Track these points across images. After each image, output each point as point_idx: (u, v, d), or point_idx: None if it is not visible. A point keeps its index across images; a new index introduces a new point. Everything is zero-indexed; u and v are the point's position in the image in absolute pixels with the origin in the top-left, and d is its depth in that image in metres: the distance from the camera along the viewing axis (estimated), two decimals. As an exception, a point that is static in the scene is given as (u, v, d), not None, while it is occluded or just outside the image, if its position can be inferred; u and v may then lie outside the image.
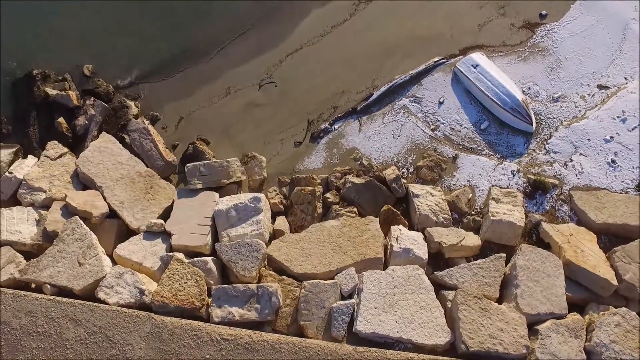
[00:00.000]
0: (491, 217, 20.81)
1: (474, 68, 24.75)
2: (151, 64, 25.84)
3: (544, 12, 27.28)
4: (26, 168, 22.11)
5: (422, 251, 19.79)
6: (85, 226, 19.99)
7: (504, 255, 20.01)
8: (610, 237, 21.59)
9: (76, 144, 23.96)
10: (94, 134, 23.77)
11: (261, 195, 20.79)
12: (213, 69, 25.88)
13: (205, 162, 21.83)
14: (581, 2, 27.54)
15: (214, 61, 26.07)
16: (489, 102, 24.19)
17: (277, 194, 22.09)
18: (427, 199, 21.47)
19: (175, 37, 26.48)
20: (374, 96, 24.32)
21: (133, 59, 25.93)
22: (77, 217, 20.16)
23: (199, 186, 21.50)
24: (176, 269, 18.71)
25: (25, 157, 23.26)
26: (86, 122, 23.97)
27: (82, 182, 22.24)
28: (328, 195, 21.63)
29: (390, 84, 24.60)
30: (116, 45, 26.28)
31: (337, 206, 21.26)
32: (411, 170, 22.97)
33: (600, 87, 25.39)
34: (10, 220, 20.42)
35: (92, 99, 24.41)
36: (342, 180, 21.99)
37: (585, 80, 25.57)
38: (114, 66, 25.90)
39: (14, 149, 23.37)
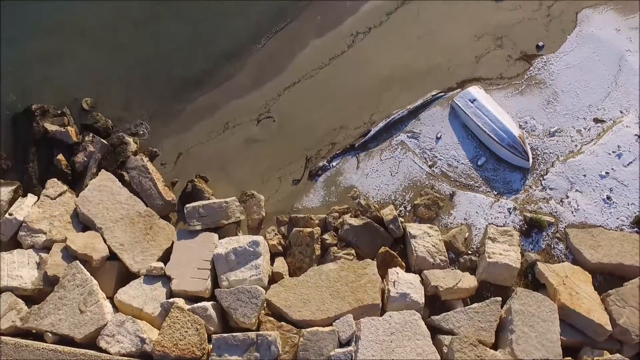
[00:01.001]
0: (487, 259, 20.99)
1: (472, 102, 24.82)
2: (150, 98, 25.83)
3: (540, 44, 27.31)
4: (26, 209, 22.18)
5: (418, 295, 19.99)
6: (85, 271, 20.13)
7: (500, 299, 20.22)
8: (605, 276, 21.87)
9: (76, 180, 24.04)
10: (93, 172, 23.82)
11: (260, 239, 20.93)
12: (211, 102, 25.91)
13: (204, 203, 21.91)
14: (577, 33, 27.58)
15: (212, 94, 26.06)
16: (486, 138, 24.30)
17: (276, 234, 22.23)
18: (424, 239, 21.63)
19: (174, 70, 26.49)
20: (372, 132, 24.41)
21: (132, 93, 25.93)
22: (77, 262, 20.29)
23: (198, 227, 21.62)
24: (176, 317, 18.86)
25: (24, 195, 23.32)
26: (85, 159, 24.01)
27: (82, 222, 22.33)
28: (326, 236, 21.79)
29: (388, 120, 24.68)
30: (115, 78, 26.27)
31: (335, 248, 21.43)
32: (408, 208, 23.11)
33: (596, 120, 25.51)
34: (10, 265, 20.53)
35: (91, 135, 24.44)
36: (340, 220, 22.13)
37: (582, 114, 25.69)
38: (113, 100, 25.89)
39: (14, 187, 23.43)
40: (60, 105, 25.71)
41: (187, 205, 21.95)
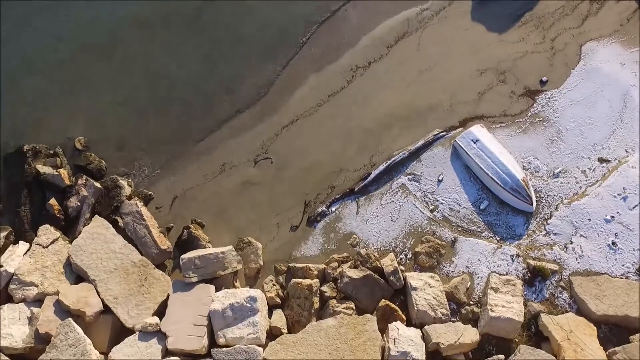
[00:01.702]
0: (490, 312, 20.51)
1: (474, 143, 24.23)
2: (145, 138, 25.22)
3: (544, 79, 26.66)
4: (17, 259, 21.63)
5: (419, 352, 19.55)
6: (78, 329, 19.62)
7: (502, 357, 19.76)
8: (611, 327, 21.39)
9: (69, 225, 23.48)
10: (86, 217, 23.25)
11: (257, 294, 20.42)
12: (208, 142, 25.26)
13: (200, 254, 21.35)
14: (582, 67, 26.91)
15: (209, 134, 25.37)
16: (489, 181, 23.74)
17: (274, 284, 21.72)
18: (425, 291, 21.12)
19: (169, 110, 25.85)
20: (372, 176, 23.84)
21: (127, 133, 25.32)
22: (70, 320, 19.79)
23: (194, 279, 21.10)
24: (172, 380, 18.40)
25: (16, 241, 22.76)
26: (78, 203, 23.42)
27: (75, 272, 21.79)
28: (325, 288, 21.30)
29: (389, 162, 24.11)
30: (109, 118, 25.66)
31: (334, 301, 20.94)
32: (409, 256, 22.59)
33: (601, 160, 24.93)
34: (1, 322, 19.97)
35: (84, 177, 23.84)
36: (340, 270, 21.61)
37: (586, 153, 25.11)
38: (107, 139, 25.28)
39: (5, 233, 22.89)
40: (53, 143, 25.14)
41: (183, 257, 21.41)
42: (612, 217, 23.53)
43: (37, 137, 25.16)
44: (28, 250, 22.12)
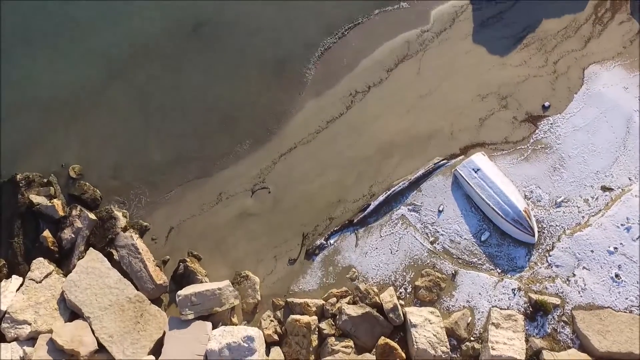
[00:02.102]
0: (491, 350, 20.24)
1: (475, 172, 23.86)
2: (141, 166, 24.82)
3: (546, 104, 26.28)
4: (10, 295, 21.29)
5: (420, 393, 19.24)
6: (72, 371, 19.29)
7: (504, 397, 19.51)
8: (614, 363, 21.16)
9: (63, 257, 23.13)
10: (80, 250, 22.92)
11: (255, 333, 20.12)
12: (204, 170, 24.82)
13: (196, 291, 21.03)
14: (584, 91, 26.51)
15: (205, 162, 24.96)
16: (490, 212, 23.40)
17: (272, 320, 21.40)
18: (425, 328, 20.82)
19: (165, 138, 25.41)
20: (371, 207, 23.49)
21: (122, 161, 24.91)
22: (63, 363, 19.45)
23: (191, 317, 20.81)
24: None
25: (9, 275, 22.39)
26: (73, 235, 23.07)
27: (69, 308, 21.45)
28: (323, 325, 20.99)
29: (388, 193, 23.75)
30: (104, 145, 25.24)
31: (333, 339, 20.65)
32: (409, 290, 22.27)
33: (604, 188, 24.58)
34: (-6, 363, 19.69)
35: (78, 208, 23.47)
36: (338, 306, 21.30)
37: (589, 181, 24.74)
38: (101, 167, 24.90)
39: (-2, 266, 22.53)
40: (46, 171, 24.76)
41: (179, 293, 21.08)
42: (615, 248, 23.22)
43: (30, 164, 24.82)
44: (21, 285, 21.77)
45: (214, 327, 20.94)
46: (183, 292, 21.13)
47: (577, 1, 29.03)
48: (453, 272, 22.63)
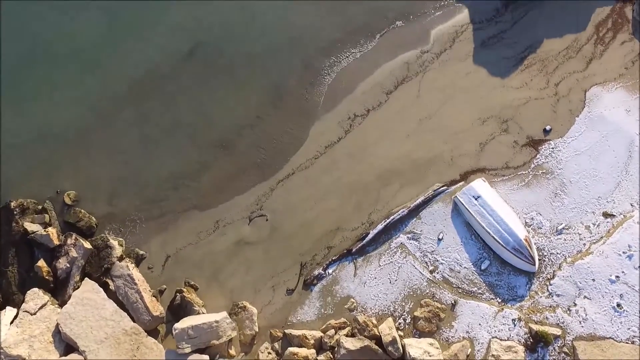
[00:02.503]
0: (491, 385, 20.14)
1: (476, 199, 23.69)
2: (137, 192, 24.66)
3: (548, 127, 26.08)
4: (4, 328, 21.16)
5: None
6: (67, 408, 19.15)
7: None
8: (615, 396, 21.05)
9: (58, 287, 22.98)
10: (76, 280, 22.78)
11: (252, 371, 19.99)
12: (202, 197, 24.63)
13: (193, 324, 20.92)
14: (586, 114, 26.30)
15: (203, 189, 24.78)
16: (490, 240, 23.24)
17: (269, 352, 21.33)
18: (425, 361, 20.71)
19: (162, 164, 25.22)
20: (370, 236, 23.33)
21: (118, 187, 24.74)
22: (58, 398, 19.31)
23: (188, 350, 20.70)
24: None
25: (3, 307, 22.25)
26: (68, 265, 22.93)
27: (64, 340, 21.32)
28: (322, 358, 20.89)
29: (387, 221, 23.58)
30: (100, 171, 25.08)
31: (331, 373, 20.52)
32: (408, 320, 22.15)
33: (605, 215, 24.41)
34: (-13, 400, 19.56)
35: (73, 237, 23.33)
36: (336, 338, 21.16)
37: (590, 207, 24.56)
38: (97, 193, 24.73)
39: (-8, 296, 22.38)
40: (41, 197, 24.58)
41: (176, 326, 20.95)
42: (617, 277, 23.07)
43: (25, 190, 24.65)
44: (15, 318, 21.60)
45: (211, 359, 20.80)
46: (180, 325, 21.00)
47: (578, 20, 28.87)
48: (453, 302, 22.50)
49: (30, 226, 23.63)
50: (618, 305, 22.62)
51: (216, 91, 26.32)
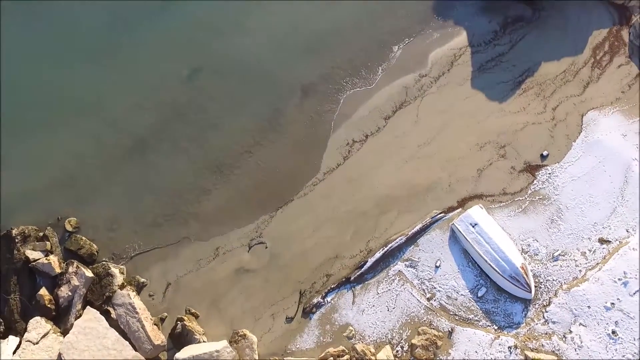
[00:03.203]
0: (488, 414, 20.70)
1: (473, 227, 24.22)
2: (137, 217, 25.18)
3: (545, 153, 26.60)
4: (7, 358, 21.61)
5: None
6: None
7: None
8: None
9: (60, 315, 23.51)
10: (78, 308, 23.31)
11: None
12: (202, 224, 25.16)
13: (194, 354, 21.50)
14: (583, 139, 26.81)
15: (203, 216, 25.34)
16: (487, 267, 23.79)
17: (269, 381, 21.86)
18: (422, 390, 21.29)
19: (162, 190, 25.78)
20: (368, 264, 23.88)
21: (118, 212, 25.24)
22: None
23: (189, 380, 21.17)
24: None
25: (5, 335, 22.82)
26: (69, 293, 23.47)
27: (67, 369, 21.82)
28: (320, 387, 21.43)
29: (385, 249, 24.12)
30: (102, 200, 25.61)
31: (330, 403, 21.08)
32: (406, 348, 22.71)
33: (601, 241, 24.95)
34: None
35: (75, 265, 23.86)
36: (335, 368, 21.76)
37: (586, 233, 25.11)
38: (98, 219, 25.26)
39: (-5, 325, 22.93)
40: (42, 224, 25.10)
41: (177, 357, 21.56)
42: (613, 304, 23.62)
43: (26, 216, 25.17)
44: (17, 348, 22.12)
45: (212, 388, 21.36)
46: (181, 355, 21.56)
47: (576, 43, 29.36)
48: (450, 329, 23.07)
49: (32, 254, 24.17)
50: (613, 332, 23.17)
51: (213, 119, 26.87)
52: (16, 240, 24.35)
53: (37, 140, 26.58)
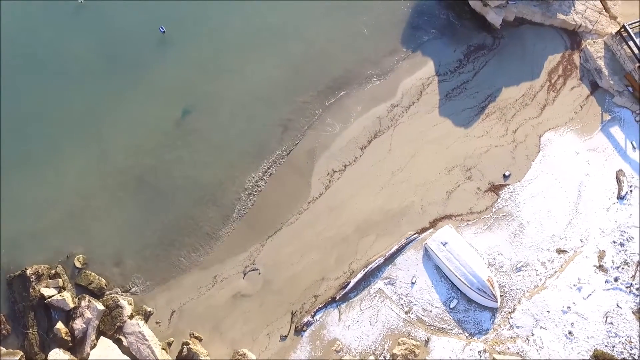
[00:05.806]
0: (460, 411, 24.80)
1: (443, 246, 28.30)
2: (141, 252, 28.81)
3: (507, 173, 30.75)
4: (31, 389, 25.22)
5: None
6: None
7: None
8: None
9: (76, 345, 27.14)
10: (92, 339, 26.95)
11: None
12: (198, 253, 28.91)
13: (200, 374, 25.24)
14: (541, 158, 30.98)
15: (201, 246, 29.09)
16: (457, 282, 27.91)
17: (268, 395, 25.75)
18: (403, 395, 25.35)
19: (162, 222, 29.46)
20: (351, 284, 27.87)
21: (123, 248, 28.91)
22: None
23: (197, 398, 24.96)
24: None
25: (27, 366, 26.35)
26: (84, 325, 27.11)
27: (86, 398, 25.47)
28: (314, 398, 25.37)
29: (366, 269, 28.14)
30: (106, 237, 29.22)
31: (323, 410, 25.03)
32: (388, 357, 26.77)
33: (559, 251, 29.21)
34: None
35: (87, 299, 27.50)
36: (326, 379, 25.70)
37: (546, 244, 29.35)
38: (104, 255, 28.87)
39: (18, 357, 26.49)
40: (52, 260, 28.68)
41: (185, 377, 25.30)
42: (569, 307, 27.93)
43: (37, 255, 28.68)
44: (41, 381, 25.72)
45: (218, 404, 25.18)
46: (188, 377, 25.37)
47: (533, 68, 33.47)
48: (426, 338, 27.19)
49: (47, 291, 27.79)
50: (569, 332, 27.46)
51: (203, 155, 30.68)
52: (31, 279, 27.92)
53: (40, 183, 30.09)
